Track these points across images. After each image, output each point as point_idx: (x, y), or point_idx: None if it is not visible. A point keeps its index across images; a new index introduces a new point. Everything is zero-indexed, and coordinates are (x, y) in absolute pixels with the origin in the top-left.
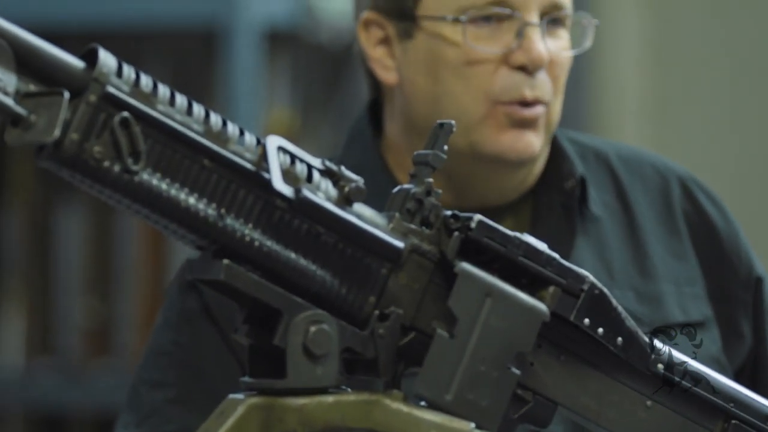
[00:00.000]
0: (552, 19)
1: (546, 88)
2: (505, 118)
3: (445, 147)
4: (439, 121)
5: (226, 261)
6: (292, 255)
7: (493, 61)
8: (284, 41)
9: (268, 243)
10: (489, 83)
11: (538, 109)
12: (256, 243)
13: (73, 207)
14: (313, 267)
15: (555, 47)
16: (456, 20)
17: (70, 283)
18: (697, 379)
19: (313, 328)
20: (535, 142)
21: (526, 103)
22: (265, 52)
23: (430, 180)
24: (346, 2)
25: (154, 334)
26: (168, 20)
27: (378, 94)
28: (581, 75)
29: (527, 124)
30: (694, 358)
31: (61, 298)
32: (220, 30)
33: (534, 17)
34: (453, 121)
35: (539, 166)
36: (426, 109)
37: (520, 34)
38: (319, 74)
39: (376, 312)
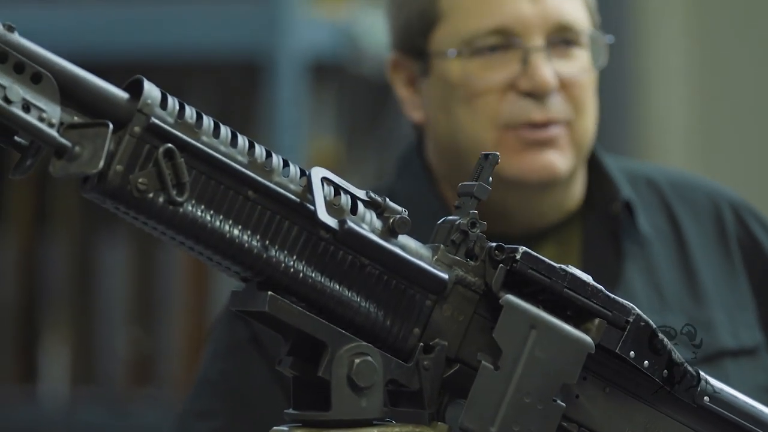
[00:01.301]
0: (562, 41)
1: (559, 108)
2: (516, 141)
3: (490, 178)
4: (483, 153)
5: (270, 293)
6: (337, 287)
7: (499, 89)
8: (328, 72)
9: (313, 275)
10: (496, 111)
11: (553, 130)
12: (301, 275)
13: (116, 238)
14: (357, 299)
15: (568, 69)
16: (459, 54)
17: (114, 314)
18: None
19: (357, 360)
20: (557, 162)
21: (536, 126)
22: (309, 83)
23: (475, 211)
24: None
25: (204, 363)
26: (212, 51)
27: (419, 129)
28: (629, 101)
29: (544, 143)
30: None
31: (105, 328)
32: (264, 61)
33: (538, 41)
34: (498, 153)
35: (580, 188)
36: (447, 143)
37: (525, 60)
38: (363, 105)
39: (421, 344)
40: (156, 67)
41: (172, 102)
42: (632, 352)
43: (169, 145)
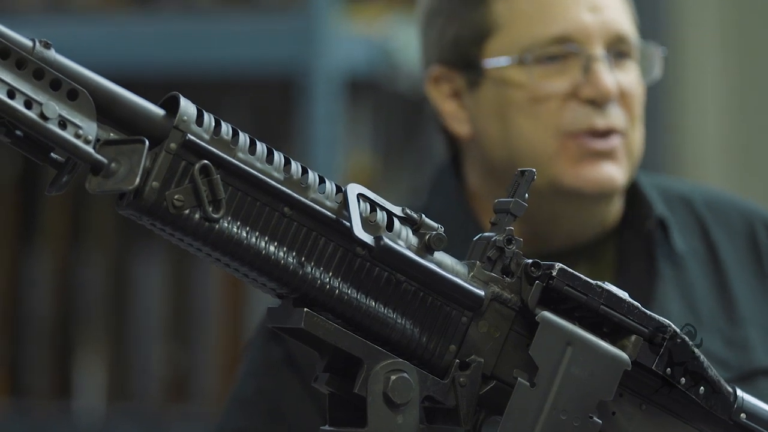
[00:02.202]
0: (619, 52)
1: (619, 117)
2: (577, 151)
3: (526, 195)
4: (519, 169)
5: (306, 309)
6: (372, 303)
7: (560, 96)
8: (363, 89)
9: (348, 291)
10: (558, 117)
11: (614, 140)
12: (336, 291)
13: (152, 254)
14: (393, 315)
15: (625, 79)
16: (520, 62)
17: (149, 330)
18: None
19: (393, 377)
20: (615, 173)
21: (598, 134)
22: (345, 99)
23: (511, 228)
24: None
25: (238, 382)
26: (248, 68)
27: (454, 148)
28: (664, 117)
29: (604, 155)
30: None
31: (140, 345)
32: (300, 77)
33: (599, 50)
34: (534, 169)
35: (617, 207)
36: (502, 154)
37: (587, 68)
38: (398, 121)
39: (457, 360)
40: (192, 84)
41: (208, 118)
42: (669, 368)
43: (205, 161)
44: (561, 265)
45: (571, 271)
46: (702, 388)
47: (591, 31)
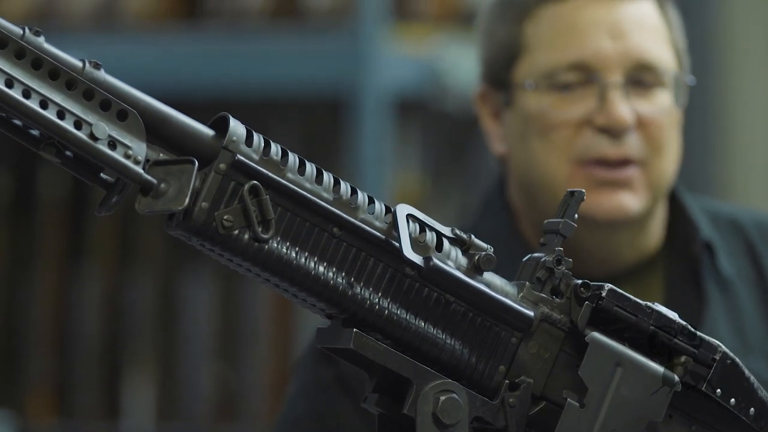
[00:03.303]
0: (642, 80)
1: (635, 147)
2: (587, 179)
3: (576, 215)
4: (569, 189)
5: (355, 330)
6: (422, 324)
7: (574, 124)
8: (412, 108)
9: (398, 312)
10: (570, 145)
11: (628, 170)
12: (386, 312)
13: (200, 274)
14: (442, 336)
15: (647, 108)
16: (537, 87)
17: (198, 350)
18: None
19: (442, 398)
20: (629, 203)
21: (609, 163)
22: (393, 119)
23: (561, 249)
24: (472, 70)
25: (288, 403)
26: (297, 88)
27: (502, 166)
28: (712, 141)
29: (618, 184)
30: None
31: (189, 364)
32: (348, 97)
33: (616, 77)
34: (583, 190)
35: (658, 229)
36: (524, 177)
37: (602, 96)
38: (447, 141)
39: (507, 381)
40: (241, 104)
41: (258, 139)
42: (719, 389)
43: (255, 182)
44: (611, 285)
45: (621, 291)
46: (752, 409)
47: (609, 59)
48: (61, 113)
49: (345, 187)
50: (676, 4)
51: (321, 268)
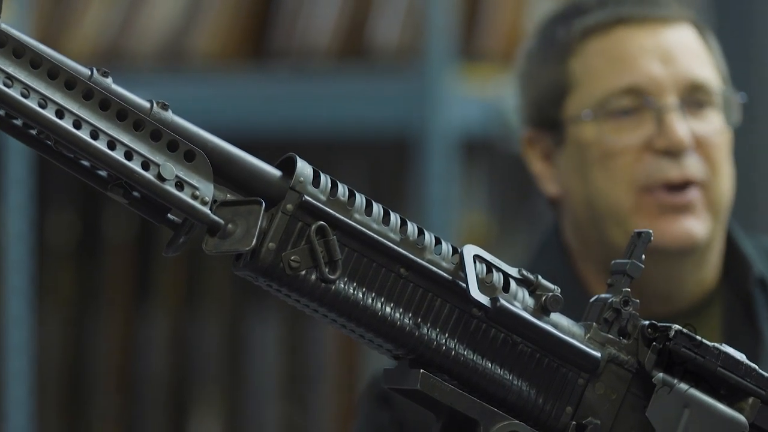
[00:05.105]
0: (695, 101)
1: (696, 167)
2: (654, 206)
3: (643, 256)
4: (636, 231)
5: (422, 371)
6: (489, 364)
7: (634, 150)
8: (478, 149)
9: (465, 352)
10: (633, 172)
11: (691, 193)
12: (453, 352)
13: (267, 314)
14: (509, 377)
15: (702, 128)
16: (594, 116)
17: (264, 390)
18: None
19: None
20: (695, 228)
21: (674, 187)
22: (459, 159)
23: (628, 290)
24: None
25: None
26: (363, 128)
27: (555, 208)
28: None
29: (682, 209)
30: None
31: (255, 404)
32: (415, 138)
33: (671, 99)
34: (650, 231)
35: (717, 260)
36: (584, 213)
37: (659, 119)
38: (513, 181)
39: (574, 422)
40: (308, 144)
41: (325, 179)
42: None
43: (322, 222)
44: (678, 326)
45: (688, 332)
46: None
47: (662, 82)
48: (129, 154)
49: (412, 228)
50: (714, 33)
51: (388, 309)
